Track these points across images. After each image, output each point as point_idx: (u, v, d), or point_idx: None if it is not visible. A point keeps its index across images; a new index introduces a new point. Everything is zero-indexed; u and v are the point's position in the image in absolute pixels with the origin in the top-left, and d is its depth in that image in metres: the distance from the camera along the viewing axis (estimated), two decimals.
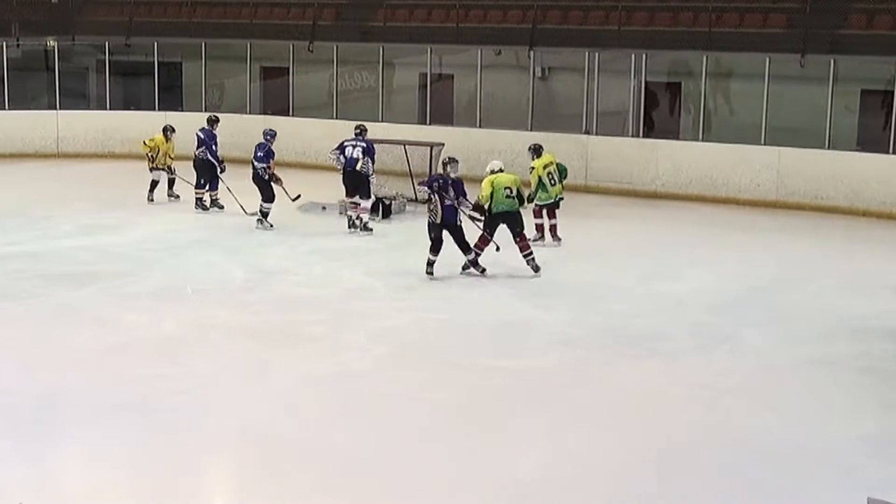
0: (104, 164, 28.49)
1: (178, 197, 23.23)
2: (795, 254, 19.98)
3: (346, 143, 20.85)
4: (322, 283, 17.36)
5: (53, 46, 31.93)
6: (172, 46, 31.97)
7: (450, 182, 17.22)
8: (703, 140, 25.46)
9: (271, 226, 20.50)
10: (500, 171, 17.84)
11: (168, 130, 23.31)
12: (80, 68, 33.42)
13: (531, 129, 26.70)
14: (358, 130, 21.17)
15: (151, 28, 32.76)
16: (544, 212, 19.84)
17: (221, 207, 22.25)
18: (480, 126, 27.54)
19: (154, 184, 23.06)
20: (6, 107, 30.47)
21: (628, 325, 15.28)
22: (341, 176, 20.88)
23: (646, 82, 26.59)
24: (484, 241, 17.36)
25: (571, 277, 17.61)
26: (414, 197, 23.34)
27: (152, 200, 22.83)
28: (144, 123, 29.47)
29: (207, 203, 22.44)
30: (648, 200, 24.72)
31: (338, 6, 32.02)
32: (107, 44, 31.66)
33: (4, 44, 30.88)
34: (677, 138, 26.52)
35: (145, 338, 14.22)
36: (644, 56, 26.24)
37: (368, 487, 10.03)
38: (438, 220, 17.02)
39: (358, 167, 20.51)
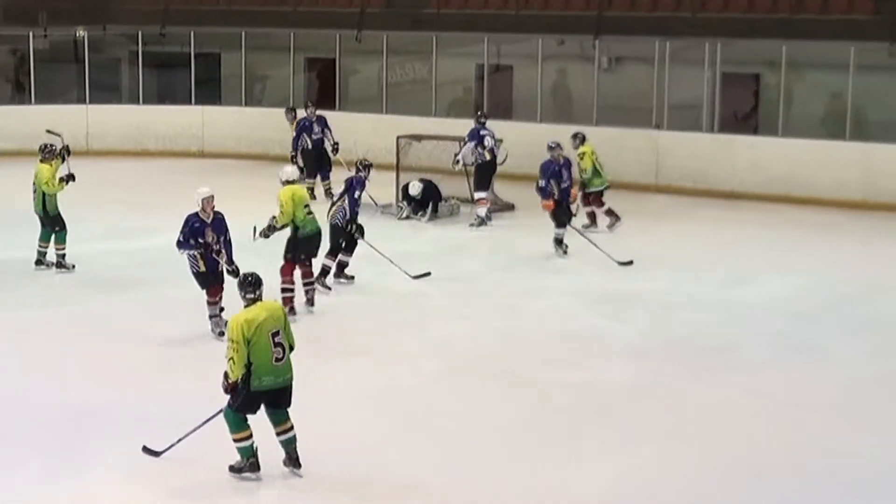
0: (137, 163, 28.55)
1: None
2: (884, 259, 19.79)
3: (483, 134, 21.94)
4: (371, 289, 17.35)
5: (83, 37, 32.00)
6: (210, 36, 32.04)
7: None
8: (783, 135, 25.27)
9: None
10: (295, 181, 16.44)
11: None
12: (112, 60, 33.61)
13: (596, 124, 26.59)
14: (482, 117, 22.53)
15: (188, 17, 32.84)
16: (591, 199, 20.70)
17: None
18: (541, 121, 27.45)
19: None
20: (32, 101, 30.65)
21: (703, 335, 15.22)
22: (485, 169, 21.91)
23: (721, 73, 26.45)
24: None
25: (641, 284, 17.52)
26: (471, 198, 23.30)
27: None
28: (180, 119, 29.75)
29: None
30: (724, 200, 24.55)
31: None
32: (140, 33, 31.74)
33: (31, 34, 31.02)
34: (756, 133, 26.36)
35: (179, 348, 14.32)
36: (719, 45, 26.09)
37: None
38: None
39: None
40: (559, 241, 18.95)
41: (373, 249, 17.41)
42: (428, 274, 17.83)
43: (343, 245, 17.16)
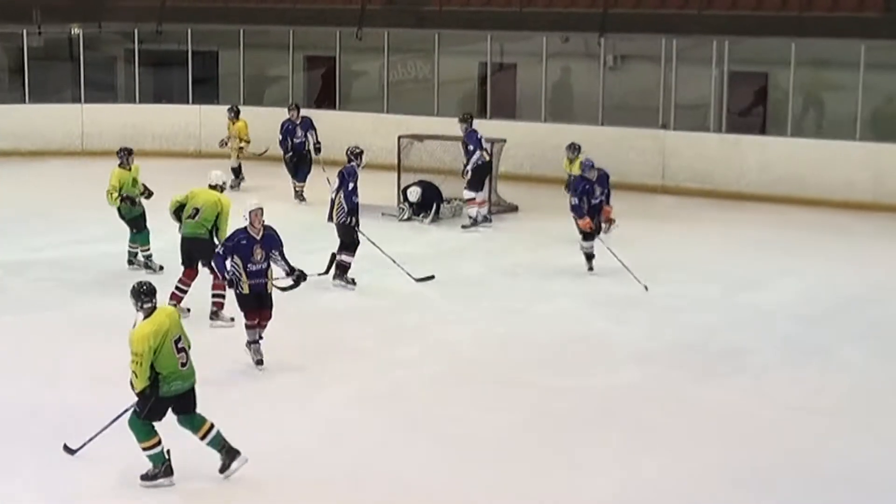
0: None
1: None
2: (893, 261, 19.85)
3: (481, 138, 21.90)
4: (371, 292, 17.41)
5: (78, 34, 32.09)
6: (208, 34, 32.10)
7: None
8: (791, 135, 25.31)
9: None
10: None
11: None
12: (108, 58, 33.66)
13: (602, 124, 26.72)
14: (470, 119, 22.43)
15: (185, 14, 32.85)
16: None
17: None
18: (546, 120, 27.52)
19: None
20: (27, 100, 30.73)
21: (710, 339, 15.26)
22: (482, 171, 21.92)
23: (728, 72, 26.50)
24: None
25: (647, 287, 17.57)
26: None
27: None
28: (177, 118, 29.78)
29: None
30: (732, 202, 24.59)
31: None
32: (136, 31, 31.86)
33: (25, 31, 31.07)
34: (764, 133, 26.40)
35: None
36: (726, 43, 26.14)
37: None
38: None
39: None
40: (588, 257, 18.30)
41: (377, 250, 17.48)
42: (432, 277, 17.92)
43: (349, 243, 17.26)
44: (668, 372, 13.99)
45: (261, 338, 14.04)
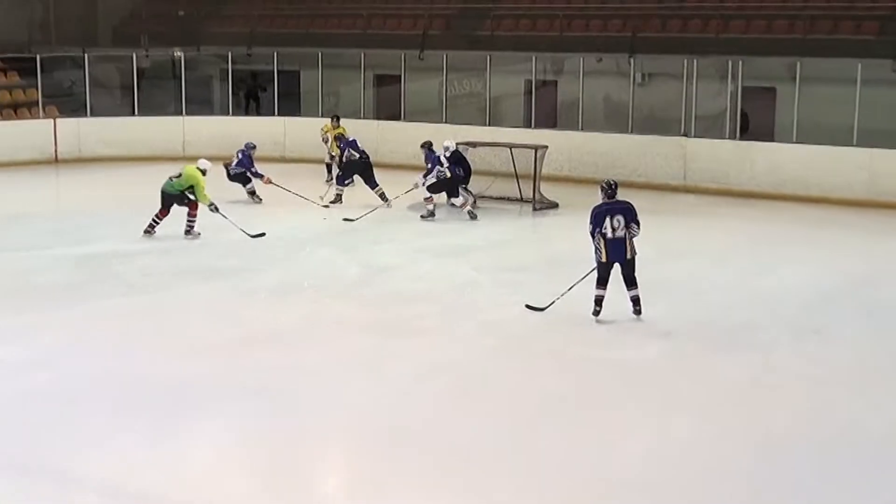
0: None
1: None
2: (888, 251, 19.66)
3: (438, 157, 21.86)
4: (432, 278, 17.39)
5: (180, 56, 32.31)
6: (291, 56, 32.19)
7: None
8: (797, 142, 25.10)
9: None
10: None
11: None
12: (205, 77, 33.84)
13: (631, 132, 26.64)
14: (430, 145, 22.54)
15: (271, 39, 33.04)
16: None
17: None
18: (582, 129, 27.42)
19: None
20: (136, 113, 30.93)
21: (725, 318, 15.12)
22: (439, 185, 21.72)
23: (742, 87, 26.35)
24: None
25: (670, 273, 17.44)
26: (519, 196, 23.35)
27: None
28: (265, 128, 29.90)
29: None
30: (744, 199, 24.46)
31: (447, 17, 32.10)
32: (230, 54, 32.01)
33: (135, 54, 31.35)
34: (772, 140, 26.21)
35: (265, 329, 14.30)
36: (740, 62, 26.02)
37: (480, 472, 10.04)
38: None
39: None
40: (595, 300, 14.83)
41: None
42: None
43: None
44: (688, 346, 13.89)
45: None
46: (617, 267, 14.70)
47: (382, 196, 22.77)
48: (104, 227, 20.88)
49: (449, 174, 21.51)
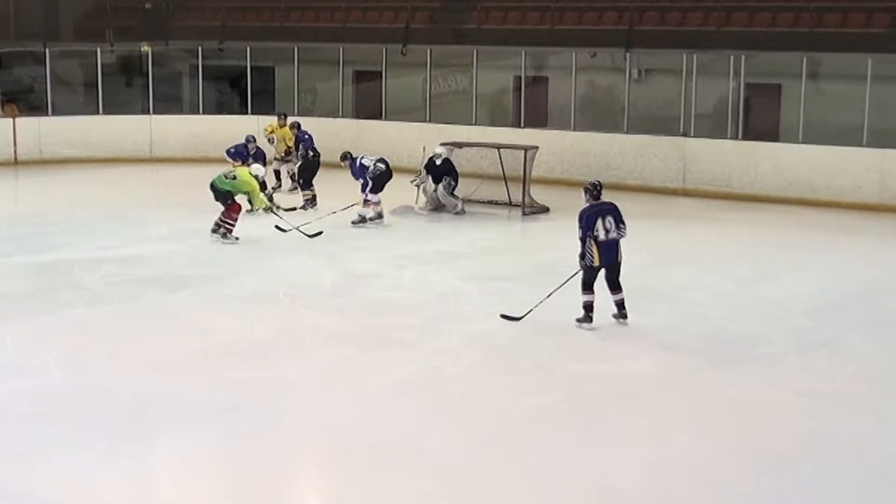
0: (197, 169, 28.63)
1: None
2: None
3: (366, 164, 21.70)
4: (413, 287, 17.40)
5: (147, 52, 32.30)
6: (265, 51, 32.22)
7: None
8: (803, 142, 25.17)
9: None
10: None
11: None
12: (174, 73, 33.83)
13: (627, 132, 26.68)
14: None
15: (244, 33, 33.11)
16: None
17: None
18: (575, 129, 27.46)
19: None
20: (101, 112, 30.91)
21: (726, 329, 15.15)
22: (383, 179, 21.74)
23: (744, 84, 26.41)
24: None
25: (668, 281, 17.49)
26: (508, 200, 23.39)
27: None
28: (237, 127, 29.86)
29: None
30: (747, 203, 24.52)
31: (431, 9, 32.14)
32: (200, 48, 32.01)
33: (99, 50, 31.35)
34: (777, 140, 26.27)
35: (237, 341, 14.32)
36: (743, 57, 26.06)
37: (460, 492, 10.04)
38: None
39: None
40: (585, 307, 15.00)
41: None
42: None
43: None
44: (687, 360, 13.90)
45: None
46: (602, 271, 14.74)
47: (311, 200, 23.11)
48: (66, 233, 20.85)
49: (383, 166, 21.56)
